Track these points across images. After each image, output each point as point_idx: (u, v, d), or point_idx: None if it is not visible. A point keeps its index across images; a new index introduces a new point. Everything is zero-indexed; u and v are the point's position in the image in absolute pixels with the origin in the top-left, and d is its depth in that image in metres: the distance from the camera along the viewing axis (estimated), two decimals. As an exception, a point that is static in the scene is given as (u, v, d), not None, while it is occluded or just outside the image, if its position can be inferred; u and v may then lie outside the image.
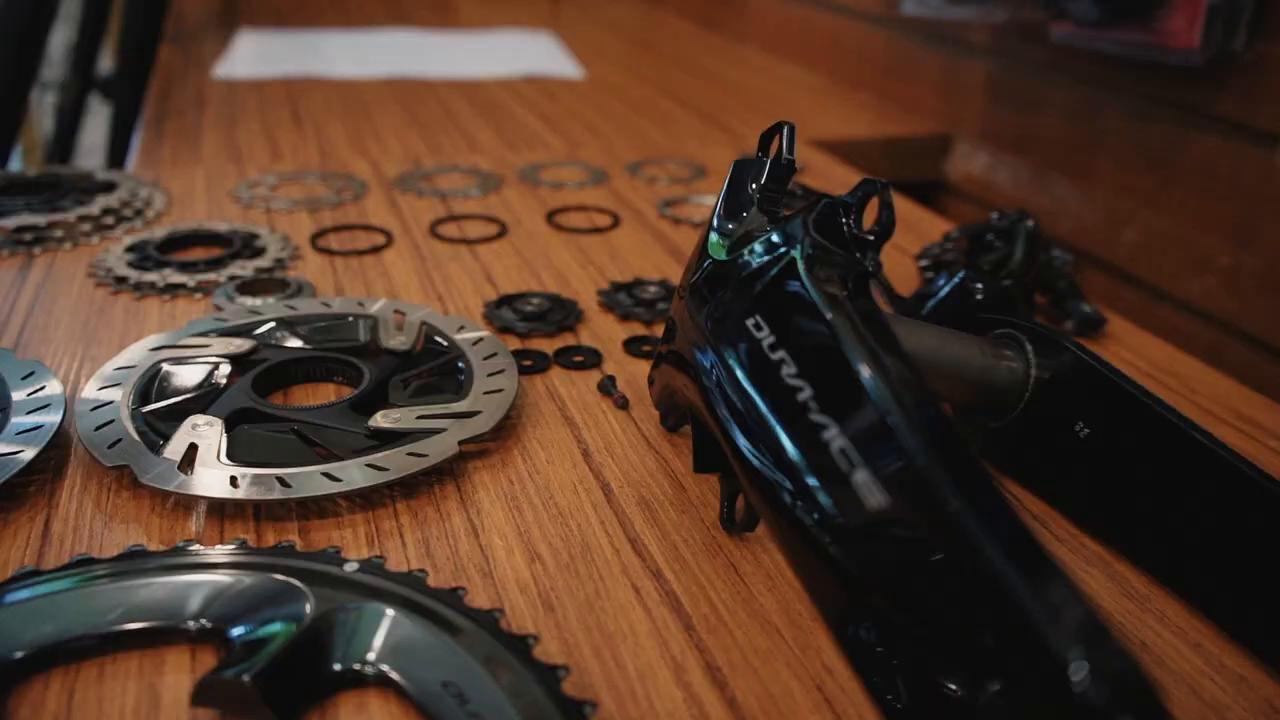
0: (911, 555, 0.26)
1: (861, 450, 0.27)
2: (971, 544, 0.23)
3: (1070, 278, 0.58)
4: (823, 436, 0.29)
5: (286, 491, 0.38)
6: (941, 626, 0.25)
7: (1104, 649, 0.20)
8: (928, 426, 0.26)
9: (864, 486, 0.27)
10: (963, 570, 0.24)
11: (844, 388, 0.29)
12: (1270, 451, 0.48)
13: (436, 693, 0.30)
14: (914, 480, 0.25)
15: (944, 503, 0.24)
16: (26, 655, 0.31)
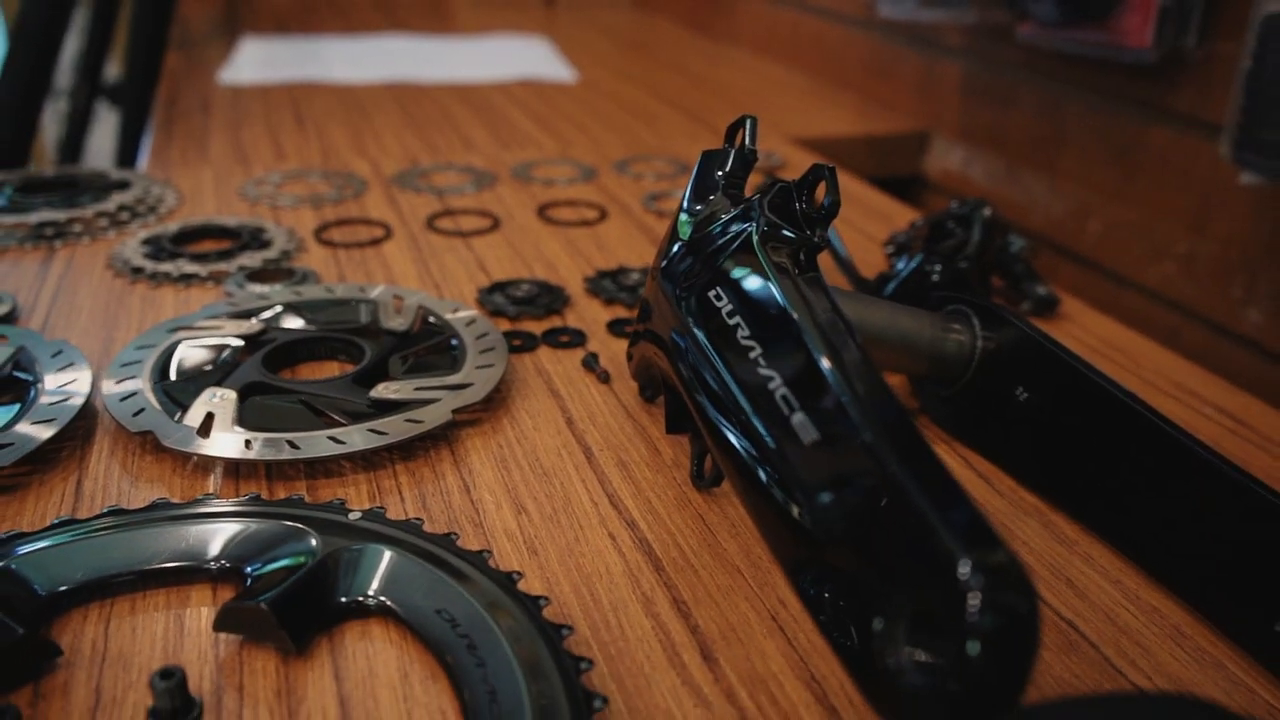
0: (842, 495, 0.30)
1: (799, 395, 0.31)
2: (882, 463, 0.27)
3: (1027, 262, 0.62)
4: (769, 386, 0.33)
5: (295, 453, 0.42)
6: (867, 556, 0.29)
7: (988, 548, 0.24)
8: (853, 369, 0.30)
9: (801, 427, 0.31)
10: (877, 493, 0.27)
11: (786, 343, 0.33)
12: (1204, 418, 0.51)
13: (431, 619, 0.34)
14: (838, 415, 0.29)
15: (861, 433, 0.28)
16: (67, 590, 0.35)
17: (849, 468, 0.29)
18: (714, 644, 0.35)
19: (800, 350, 0.32)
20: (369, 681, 0.33)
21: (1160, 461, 0.39)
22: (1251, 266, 0.68)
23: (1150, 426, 0.40)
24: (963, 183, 0.98)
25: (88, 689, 0.32)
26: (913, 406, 0.51)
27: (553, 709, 0.30)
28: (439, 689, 0.33)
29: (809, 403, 0.31)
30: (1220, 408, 0.52)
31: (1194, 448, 0.38)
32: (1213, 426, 0.51)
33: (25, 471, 0.43)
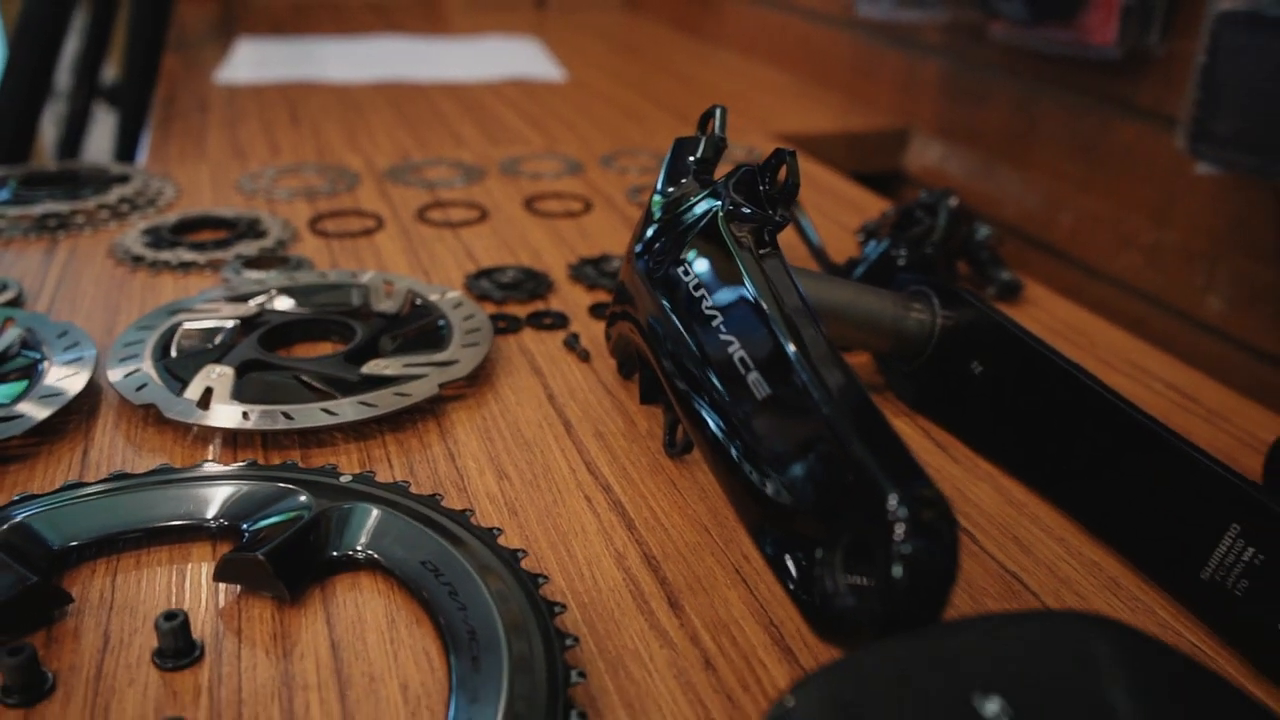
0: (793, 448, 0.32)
1: (752, 354, 0.34)
2: (820, 409, 0.30)
3: (992, 249, 0.64)
4: (729, 350, 0.35)
5: (289, 423, 0.45)
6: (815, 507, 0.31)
7: (915, 485, 0.27)
8: (807, 339, 0.33)
9: (755, 385, 0.33)
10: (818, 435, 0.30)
11: (744, 309, 0.35)
12: (1154, 393, 0.54)
13: (416, 569, 0.36)
14: (784, 368, 0.32)
15: (807, 387, 0.31)
16: (77, 545, 0.38)
17: (797, 424, 0.31)
18: (680, 594, 0.38)
19: (755, 315, 0.34)
20: (358, 626, 0.35)
21: (1103, 428, 0.42)
22: (1211, 255, 0.71)
23: (1095, 396, 0.42)
24: (941, 178, 1.00)
25: (97, 633, 0.35)
26: (878, 382, 0.53)
27: (527, 647, 0.32)
28: (423, 632, 0.35)
29: (761, 360, 0.33)
30: (1170, 384, 0.55)
31: (1134, 415, 0.41)
32: (1162, 400, 0.53)
33: (34, 443, 0.45)
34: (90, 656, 0.34)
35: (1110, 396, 0.42)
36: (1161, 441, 0.39)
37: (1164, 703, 0.23)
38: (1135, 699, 0.23)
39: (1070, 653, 0.24)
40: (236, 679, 0.33)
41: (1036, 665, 0.24)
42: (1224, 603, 0.36)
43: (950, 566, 0.26)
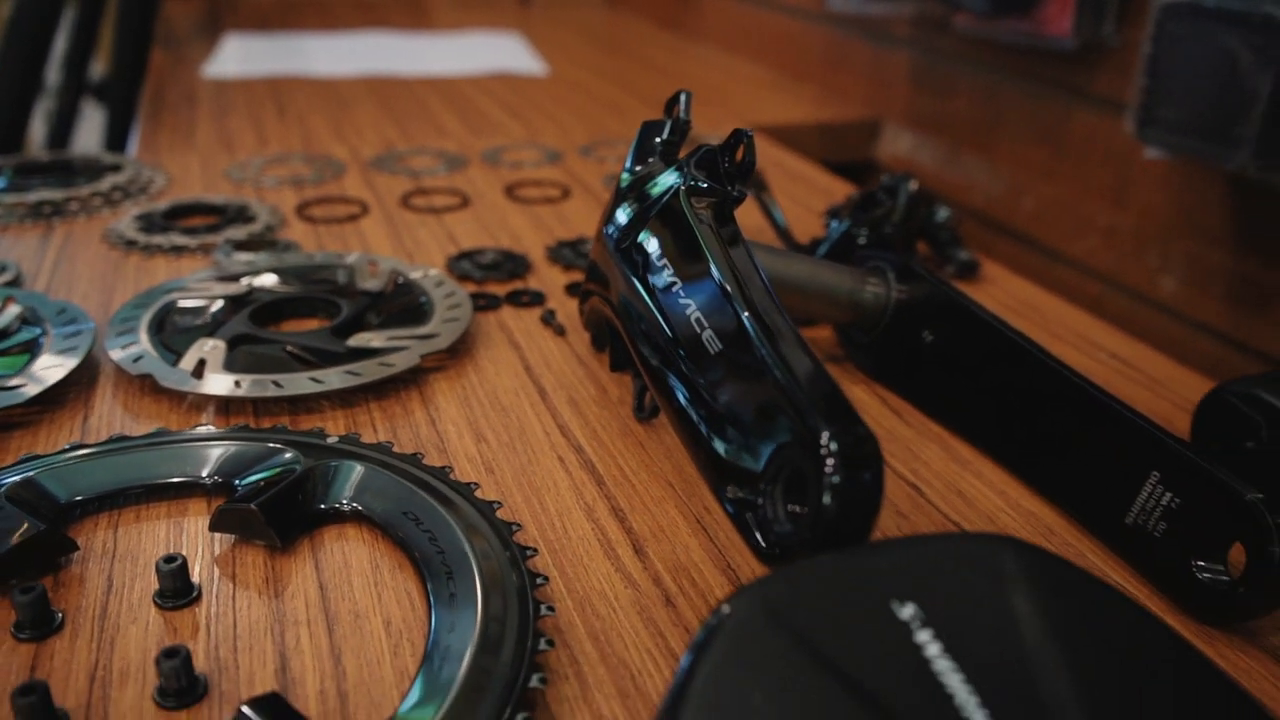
0: (741, 397, 0.35)
1: (707, 315, 0.37)
2: (766, 359, 0.33)
3: (951, 229, 0.67)
4: (686, 314, 0.38)
5: (279, 391, 0.47)
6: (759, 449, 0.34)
7: (847, 424, 0.30)
8: (747, 289, 0.35)
9: (708, 342, 0.36)
10: (763, 383, 0.33)
11: (701, 276, 0.38)
12: (1098, 362, 0.57)
13: (398, 519, 0.39)
14: (734, 323, 0.35)
15: (751, 340, 0.34)
16: (81, 500, 0.40)
17: (745, 375, 0.34)
18: (645, 541, 0.40)
19: (710, 279, 0.37)
20: (344, 571, 0.38)
21: (1040, 390, 0.45)
22: (1164, 237, 0.74)
23: (1033, 361, 0.45)
24: (911, 166, 1.03)
25: (101, 578, 0.37)
26: (839, 354, 0.56)
27: (502, 583, 0.35)
28: (405, 576, 0.38)
29: (713, 318, 0.36)
30: (1115, 354, 0.58)
31: (1068, 376, 0.44)
32: (1106, 369, 0.56)
33: (36, 411, 0.48)
34: (95, 598, 0.36)
35: (1047, 360, 0.45)
36: (1091, 399, 0.42)
37: (1060, 607, 0.26)
38: (1035, 604, 0.26)
39: (980, 566, 0.27)
40: (232, 616, 0.36)
41: (949, 577, 0.27)
42: (1145, 545, 0.39)
43: (876, 495, 0.29)
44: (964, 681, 0.24)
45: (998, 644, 0.25)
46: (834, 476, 0.28)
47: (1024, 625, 0.26)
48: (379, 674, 0.33)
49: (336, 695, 0.33)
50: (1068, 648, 0.25)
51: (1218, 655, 0.36)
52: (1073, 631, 0.26)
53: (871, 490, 0.29)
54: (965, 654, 0.25)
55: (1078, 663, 0.25)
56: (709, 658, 0.24)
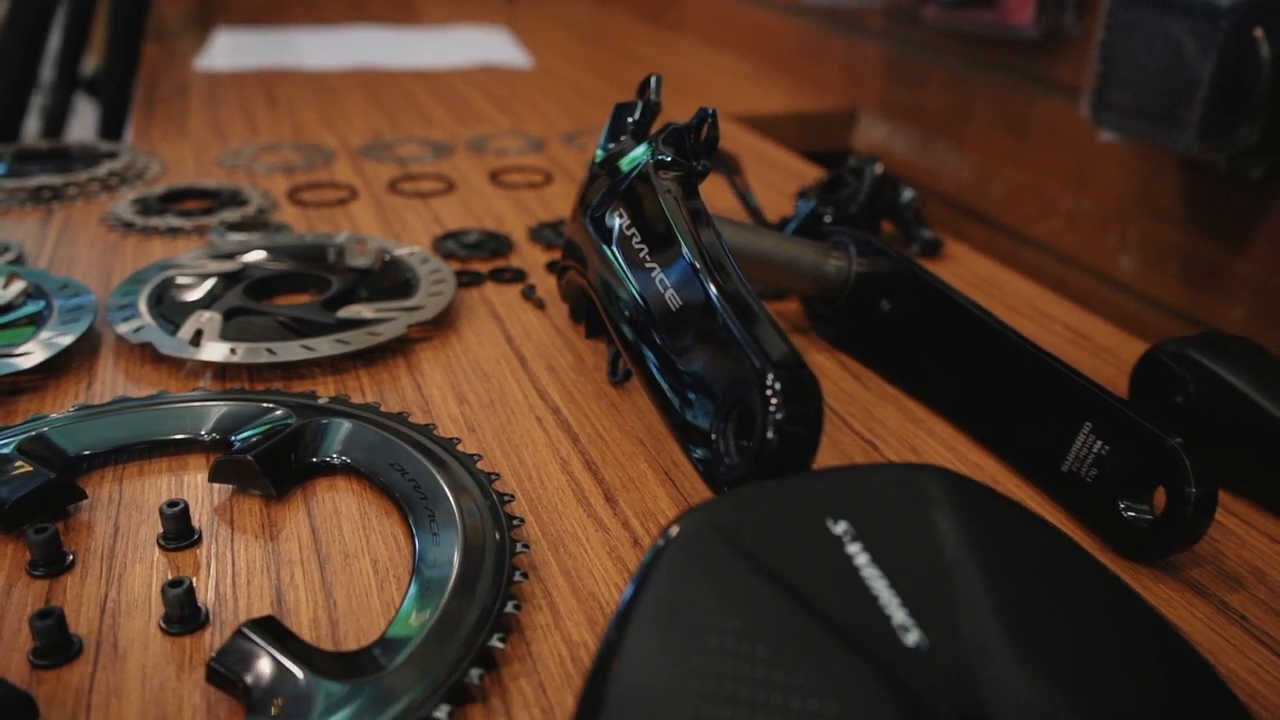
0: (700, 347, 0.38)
1: (670, 276, 0.39)
2: (720, 315, 0.35)
3: (916, 210, 0.71)
4: (652, 275, 0.41)
5: (272, 357, 0.50)
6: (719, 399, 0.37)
7: (790, 366, 0.33)
8: (705, 252, 0.38)
9: (670, 300, 0.39)
10: (719, 335, 0.36)
11: (667, 243, 0.41)
12: (1051, 333, 0.60)
13: (385, 469, 0.42)
14: (692, 281, 0.38)
15: (708, 296, 0.37)
16: (87, 455, 0.43)
17: (703, 328, 0.37)
18: (616, 491, 0.43)
19: (674, 245, 0.40)
20: (335, 517, 0.41)
21: (986, 351, 0.48)
22: (1123, 218, 0.78)
23: (980, 324, 0.48)
24: (886, 154, 1.06)
25: (108, 524, 0.40)
26: (803, 325, 0.59)
27: (480, 524, 0.38)
28: (391, 521, 0.41)
29: (676, 279, 0.39)
30: (1066, 324, 0.61)
31: (1010, 337, 0.47)
32: (1057, 338, 0.60)
33: (43, 378, 0.50)
34: (103, 541, 0.39)
35: (994, 324, 0.48)
36: (1031, 358, 0.45)
37: (976, 523, 0.29)
38: (954, 521, 0.29)
39: (907, 490, 0.30)
40: (230, 556, 0.39)
41: (879, 499, 0.30)
42: (1079, 490, 0.42)
43: (815, 429, 0.32)
44: (888, 586, 0.27)
45: (919, 554, 0.28)
46: (777, 412, 0.31)
47: (944, 539, 0.29)
48: (367, 605, 0.36)
49: (328, 623, 0.35)
50: (982, 557, 0.28)
51: (1141, 587, 0.39)
52: (987, 543, 0.29)
53: (811, 424, 0.32)
54: (890, 562, 0.28)
55: (990, 569, 0.28)
56: (661, 565, 0.27)
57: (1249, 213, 0.66)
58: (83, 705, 0.32)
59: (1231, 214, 0.67)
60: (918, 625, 0.26)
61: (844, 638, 0.26)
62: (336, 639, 0.35)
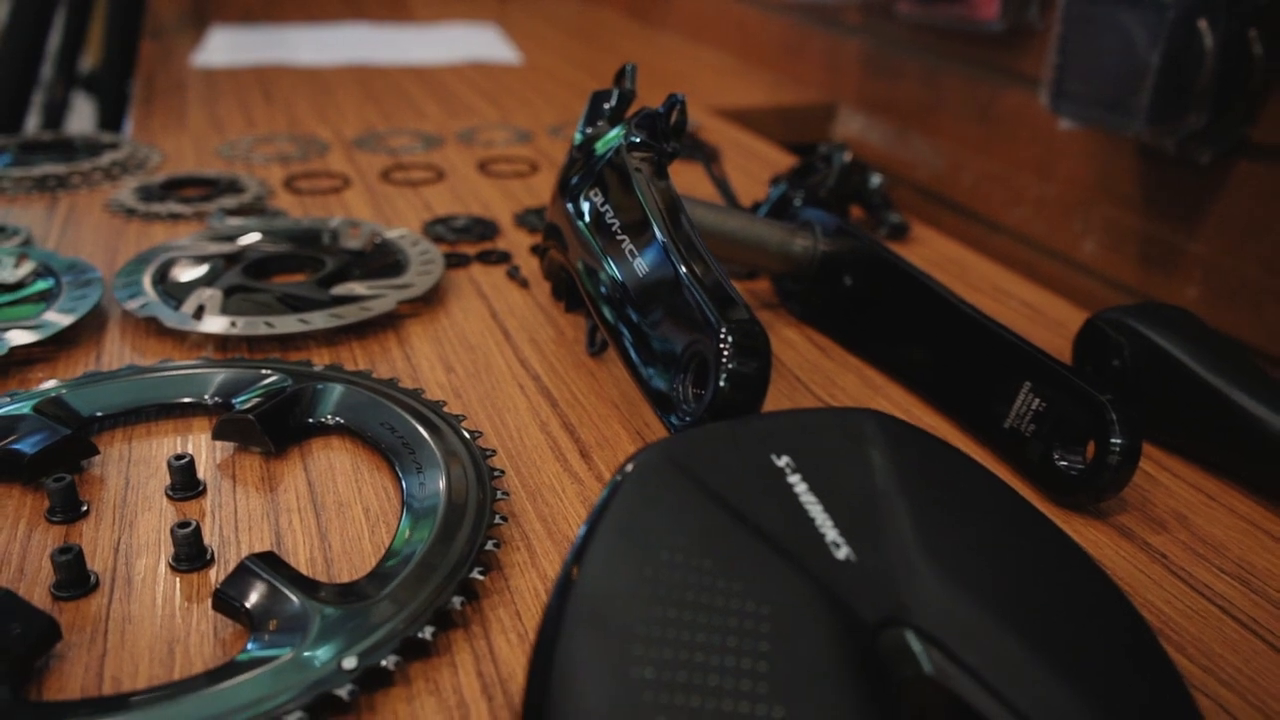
0: (662, 307, 0.41)
1: (638, 245, 0.43)
2: (680, 279, 0.39)
3: (884, 195, 0.74)
4: (623, 247, 0.44)
5: (270, 330, 0.53)
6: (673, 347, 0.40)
7: (742, 321, 0.36)
8: (669, 223, 0.42)
9: (637, 267, 0.42)
10: (681, 296, 0.39)
11: (637, 218, 0.44)
12: (1008, 308, 0.64)
13: (376, 429, 0.45)
14: (659, 252, 0.41)
15: (671, 262, 0.40)
16: (99, 416, 0.46)
17: (665, 291, 0.40)
18: (591, 449, 0.47)
19: (644, 218, 0.44)
20: (330, 471, 0.44)
21: (938, 320, 0.51)
22: (1085, 204, 0.81)
23: (933, 296, 0.52)
24: (863, 147, 1.10)
25: (119, 478, 0.43)
26: (773, 302, 0.63)
27: (463, 474, 0.41)
28: (382, 475, 0.44)
29: (643, 248, 0.42)
30: (1024, 301, 0.65)
31: (960, 307, 0.50)
32: (1014, 313, 0.63)
33: (54, 350, 0.54)
34: (115, 492, 0.42)
35: (945, 295, 0.51)
36: (976, 324, 0.49)
37: (907, 458, 0.33)
38: (887, 456, 0.33)
39: (846, 430, 0.34)
40: (233, 505, 0.42)
41: (820, 437, 0.33)
42: (1019, 444, 0.46)
43: (763, 377, 0.35)
44: (823, 510, 0.31)
45: (852, 483, 0.32)
46: (729, 362, 0.35)
47: (875, 470, 0.32)
48: (359, 548, 0.40)
49: (323, 562, 0.39)
50: (908, 485, 0.32)
51: (1074, 531, 0.43)
52: (913, 473, 0.32)
53: (760, 372, 0.35)
54: (825, 490, 0.31)
55: (915, 495, 0.31)
56: (620, 492, 0.30)
57: (1199, 196, 0.69)
58: (100, 631, 0.35)
59: (1183, 198, 0.71)
60: (848, 542, 0.30)
61: (781, 552, 0.29)
62: (331, 576, 0.38)
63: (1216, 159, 0.67)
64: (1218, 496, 0.45)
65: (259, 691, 0.31)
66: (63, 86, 1.71)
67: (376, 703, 0.32)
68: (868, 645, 0.27)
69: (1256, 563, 0.41)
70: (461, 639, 0.35)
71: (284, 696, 0.31)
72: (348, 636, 0.33)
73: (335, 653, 0.32)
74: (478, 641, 0.35)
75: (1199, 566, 0.41)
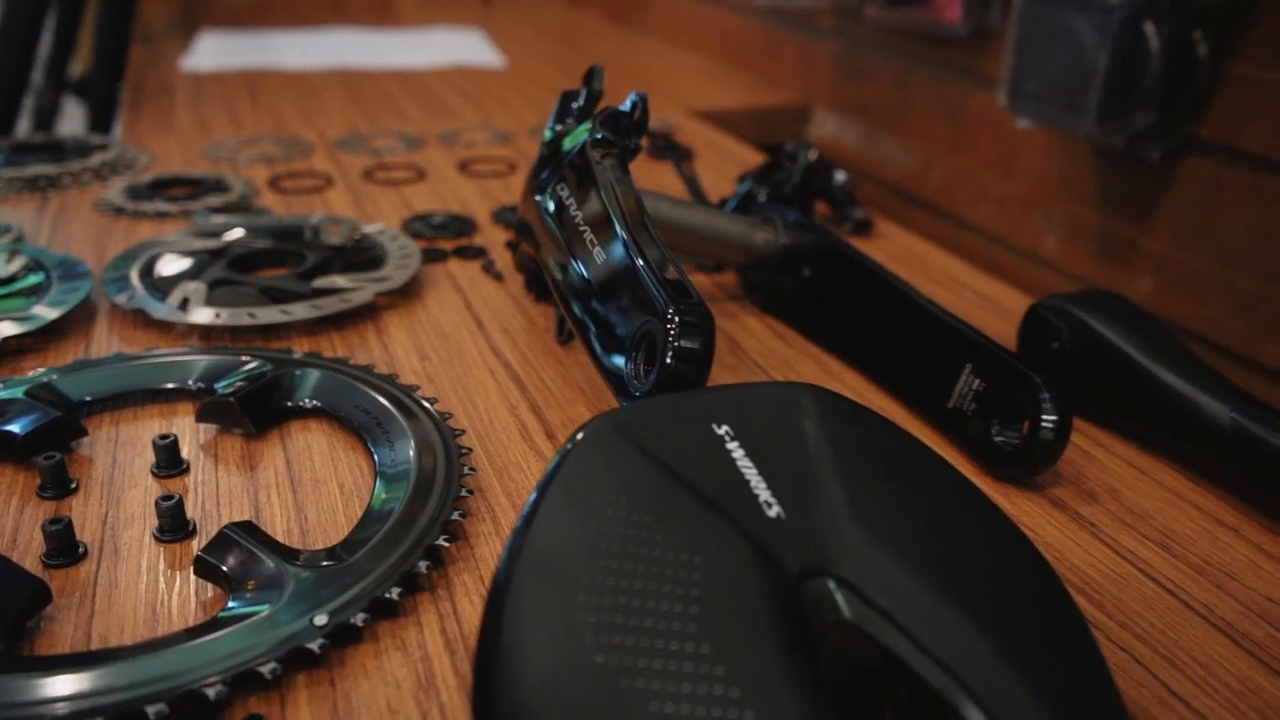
0: (617, 292, 0.44)
1: (600, 237, 0.45)
2: (636, 268, 0.41)
3: (849, 191, 0.77)
4: (586, 238, 0.47)
5: (253, 320, 0.56)
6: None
7: (689, 304, 0.39)
8: (625, 213, 0.44)
9: (597, 256, 0.45)
10: (636, 282, 0.42)
11: (599, 211, 0.47)
12: (962, 299, 0.66)
13: (351, 411, 0.48)
14: (616, 242, 0.43)
15: (627, 251, 0.42)
16: (88, 401, 0.49)
17: (620, 276, 0.43)
18: (556, 429, 0.49)
19: (604, 210, 0.46)
20: (307, 451, 0.47)
21: (889, 308, 0.54)
22: (1046, 201, 0.84)
23: (884, 285, 0.54)
24: (837, 147, 1.13)
25: (107, 457, 0.46)
26: (738, 293, 0.65)
27: (433, 450, 0.44)
28: (357, 455, 0.46)
29: (602, 237, 0.45)
30: (978, 292, 0.67)
31: (909, 295, 0.53)
32: (967, 303, 0.66)
33: (45, 340, 0.56)
34: (103, 470, 0.45)
35: (895, 284, 0.54)
36: (923, 311, 0.51)
37: (838, 427, 0.35)
38: (819, 425, 0.35)
39: (782, 401, 0.36)
40: (215, 482, 0.44)
41: (758, 407, 0.36)
42: (961, 422, 0.48)
43: (707, 356, 0.38)
44: (757, 473, 0.33)
45: (786, 449, 0.34)
46: (676, 340, 0.37)
47: (809, 439, 0.35)
48: (334, 520, 0.42)
49: (299, 533, 0.41)
50: (838, 451, 0.34)
51: (1010, 502, 0.45)
52: (843, 441, 0.35)
53: (704, 350, 0.38)
54: (761, 455, 0.34)
55: (844, 460, 0.34)
56: (569, 457, 0.33)
57: (1150, 192, 0.72)
58: (88, 595, 0.37)
59: (1136, 194, 0.74)
60: (779, 502, 0.32)
61: (716, 510, 0.32)
62: (306, 545, 0.40)
63: (1166, 156, 0.70)
64: (1148, 470, 0.48)
65: (237, 644, 0.33)
66: (53, 91, 1.73)
67: (347, 657, 0.35)
68: (793, 593, 0.30)
69: (1179, 530, 0.44)
70: (427, 601, 0.38)
71: (260, 649, 0.33)
72: (320, 596, 0.35)
73: (308, 610, 0.34)
74: (442, 603, 0.38)
75: (1125, 534, 0.43)
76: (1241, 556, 0.42)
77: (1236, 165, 0.66)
